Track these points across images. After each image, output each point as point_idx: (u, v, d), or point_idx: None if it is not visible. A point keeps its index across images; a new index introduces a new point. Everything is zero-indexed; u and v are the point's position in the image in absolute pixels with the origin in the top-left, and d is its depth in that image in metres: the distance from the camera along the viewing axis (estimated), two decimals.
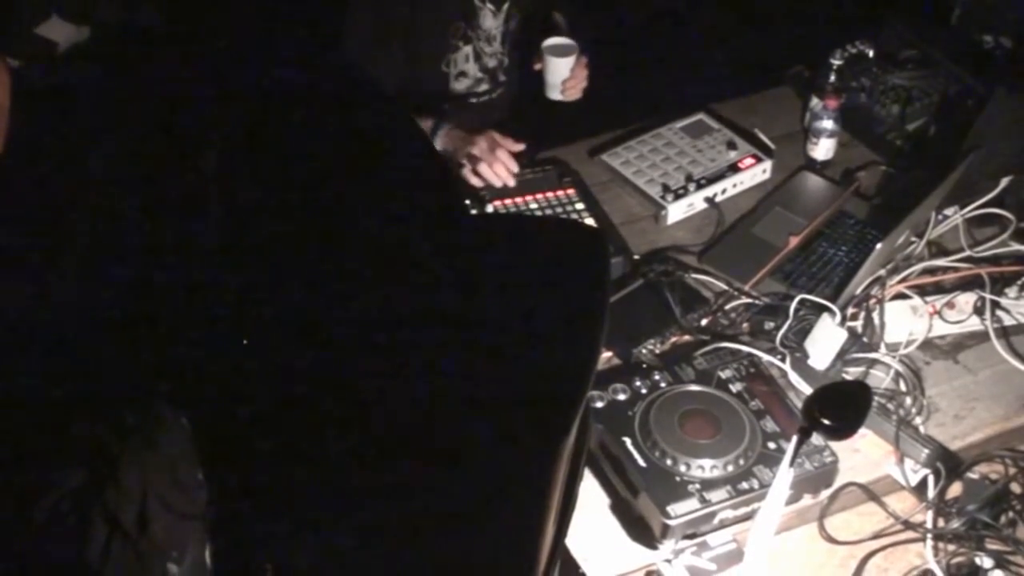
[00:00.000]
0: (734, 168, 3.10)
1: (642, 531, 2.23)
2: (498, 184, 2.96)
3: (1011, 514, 2.31)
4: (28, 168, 1.62)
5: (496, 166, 2.95)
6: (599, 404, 2.31)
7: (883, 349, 2.59)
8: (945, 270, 2.80)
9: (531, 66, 3.25)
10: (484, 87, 3.36)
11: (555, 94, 3.21)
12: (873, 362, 2.57)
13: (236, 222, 1.58)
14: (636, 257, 2.85)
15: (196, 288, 1.56)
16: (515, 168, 2.98)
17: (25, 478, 1.43)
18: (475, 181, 2.96)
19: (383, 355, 1.48)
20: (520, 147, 3.02)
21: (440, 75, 3.27)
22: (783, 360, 2.52)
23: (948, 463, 2.36)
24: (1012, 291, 2.71)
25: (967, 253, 2.84)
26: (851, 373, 2.54)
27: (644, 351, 2.59)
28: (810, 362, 2.51)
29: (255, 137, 1.62)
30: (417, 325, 1.50)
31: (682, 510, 2.15)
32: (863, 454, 2.40)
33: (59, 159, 1.63)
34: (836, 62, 3.17)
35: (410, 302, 1.51)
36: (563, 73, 3.17)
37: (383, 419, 1.45)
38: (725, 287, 2.77)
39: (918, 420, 2.47)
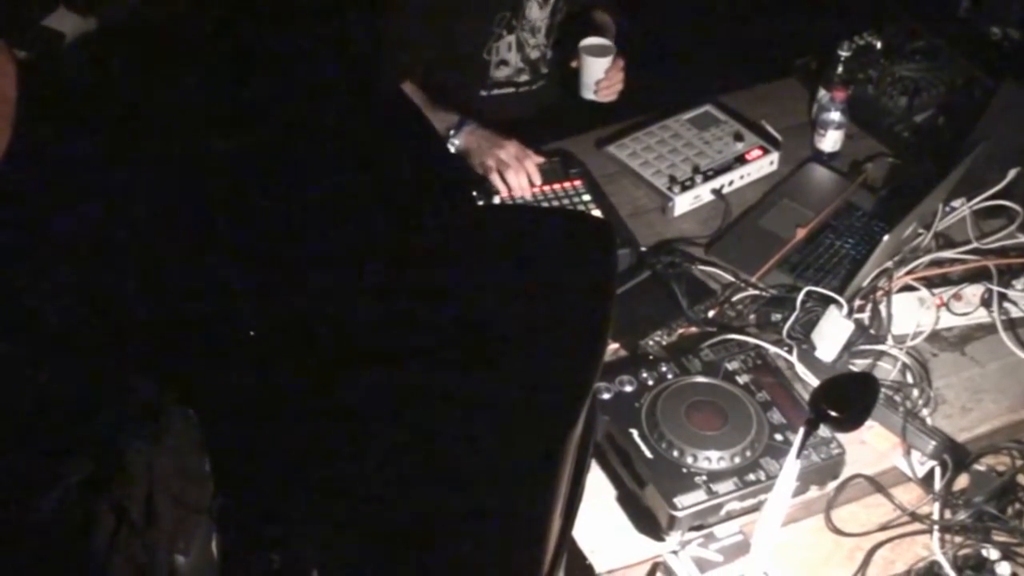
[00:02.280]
0: (741, 160, 3.10)
1: (649, 523, 2.23)
2: (519, 193, 2.96)
3: (1018, 506, 2.31)
4: (36, 163, 1.62)
5: (521, 175, 2.96)
6: (606, 396, 2.31)
7: (890, 341, 2.59)
8: (952, 262, 2.80)
9: (568, 64, 3.27)
10: (525, 77, 3.38)
11: (589, 94, 3.23)
12: (880, 354, 2.56)
13: (243, 218, 1.59)
14: (643, 249, 2.85)
15: (203, 282, 1.56)
16: (538, 181, 2.99)
17: (32, 469, 1.43)
18: (500, 186, 2.96)
19: (390, 347, 1.48)
20: (541, 160, 3.03)
21: (481, 61, 3.29)
22: (790, 352, 2.52)
23: (955, 455, 2.35)
24: (1019, 283, 2.70)
25: (974, 245, 2.83)
26: (858, 365, 2.53)
27: (651, 343, 2.58)
28: (817, 354, 2.51)
29: (263, 132, 1.63)
30: (423, 317, 1.50)
31: (689, 502, 2.15)
32: (870, 446, 2.40)
33: (68, 154, 1.63)
34: (843, 54, 3.17)
35: (417, 294, 1.52)
36: (598, 73, 3.18)
37: (389, 412, 1.45)
38: (732, 279, 2.77)
39: (925, 412, 2.47)
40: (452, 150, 3.03)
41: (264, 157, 1.61)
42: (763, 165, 3.12)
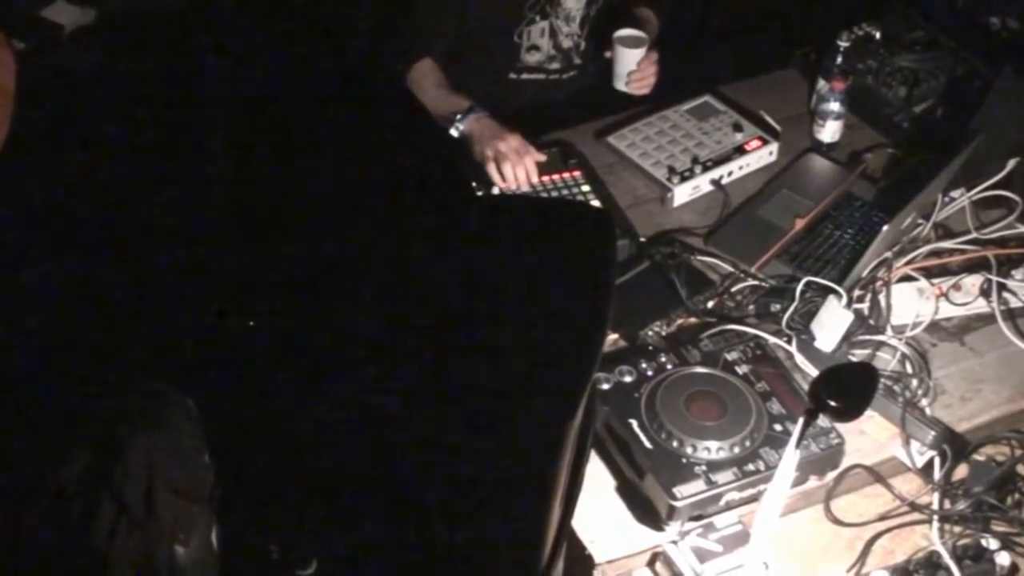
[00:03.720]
0: (740, 150, 3.10)
1: (648, 513, 2.23)
2: (514, 186, 2.96)
3: (1017, 495, 2.31)
4: (35, 152, 1.62)
5: (519, 168, 2.96)
6: (605, 386, 2.31)
7: (889, 331, 2.59)
8: (951, 252, 2.80)
9: (604, 54, 3.27)
10: (555, 65, 3.39)
11: (621, 84, 3.23)
12: (879, 344, 2.56)
13: (242, 207, 1.59)
14: (642, 239, 2.85)
15: (202, 271, 1.56)
16: (535, 178, 2.99)
17: (33, 460, 1.43)
18: (496, 177, 2.96)
19: (390, 337, 1.48)
20: (542, 158, 3.03)
21: (512, 44, 3.31)
22: (789, 342, 2.52)
23: (954, 445, 2.36)
24: (1018, 273, 2.71)
25: (974, 235, 2.83)
26: (857, 355, 2.54)
27: (650, 333, 2.58)
28: (816, 344, 2.51)
29: (264, 123, 1.63)
30: (424, 306, 1.50)
31: (688, 492, 2.16)
32: (869, 436, 2.40)
33: (66, 143, 1.63)
34: (843, 44, 3.16)
35: (417, 284, 1.52)
36: (630, 64, 3.18)
37: (388, 403, 1.45)
38: (731, 269, 2.76)
39: (924, 402, 2.47)
40: (455, 135, 3.04)
41: (264, 149, 1.61)
42: (762, 155, 3.11)
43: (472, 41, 3.27)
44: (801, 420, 1.98)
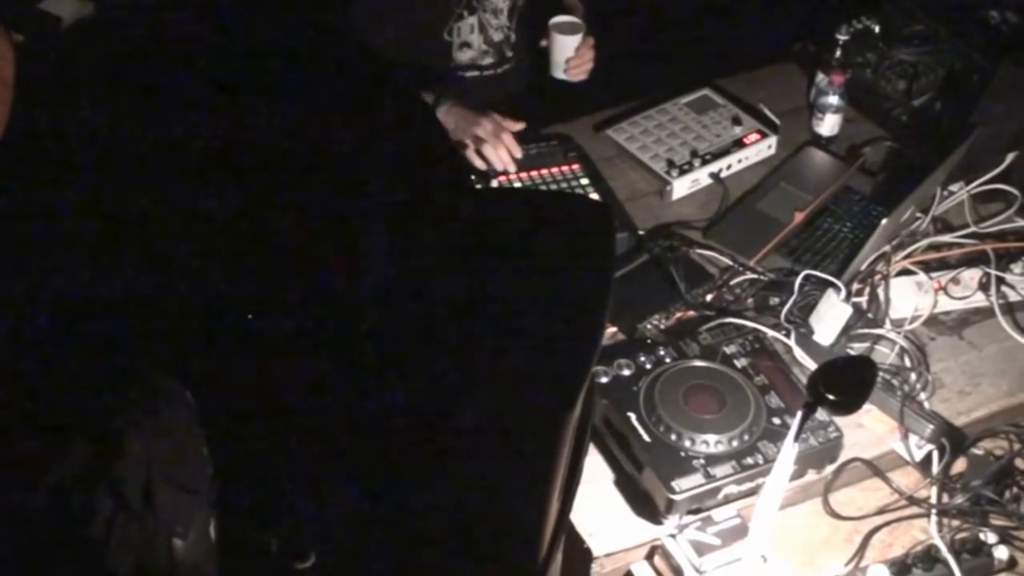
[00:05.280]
0: (739, 144, 3.10)
1: (647, 506, 2.23)
2: (500, 167, 2.95)
3: (1015, 490, 2.32)
4: (32, 148, 1.62)
5: (500, 149, 2.95)
6: (604, 379, 2.32)
7: (888, 325, 2.59)
8: (950, 246, 2.80)
9: (539, 43, 3.24)
10: (489, 60, 3.33)
11: (559, 72, 3.20)
12: (878, 338, 2.56)
13: (243, 198, 1.58)
14: (641, 233, 2.85)
15: (200, 265, 1.55)
16: (518, 153, 2.97)
17: (30, 453, 1.43)
18: (478, 163, 2.95)
19: (389, 329, 1.48)
20: (520, 126, 3.02)
21: (442, 43, 3.25)
22: (788, 336, 2.52)
23: (953, 439, 2.36)
24: (1017, 267, 2.71)
25: (972, 229, 2.83)
26: (856, 349, 2.54)
27: (649, 326, 2.58)
28: (815, 338, 2.51)
29: (261, 116, 1.62)
30: (422, 299, 1.50)
31: (687, 485, 2.16)
32: (867, 430, 2.40)
33: (64, 138, 1.63)
34: (842, 37, 3.16)
35: (415, 276, 1.51)
36: (567, 52, 3.16)
37: (388, 392, 1.45)
38: (730, 263, 2.76)
39: (923, 396, 2.47)
40: None
41: (262, 144, 1.61)
42: (761, 149, 3.11)
43: (403, 41, 3.17)
44: (799, 414, 1.98)
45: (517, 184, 2.95)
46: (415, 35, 3.21)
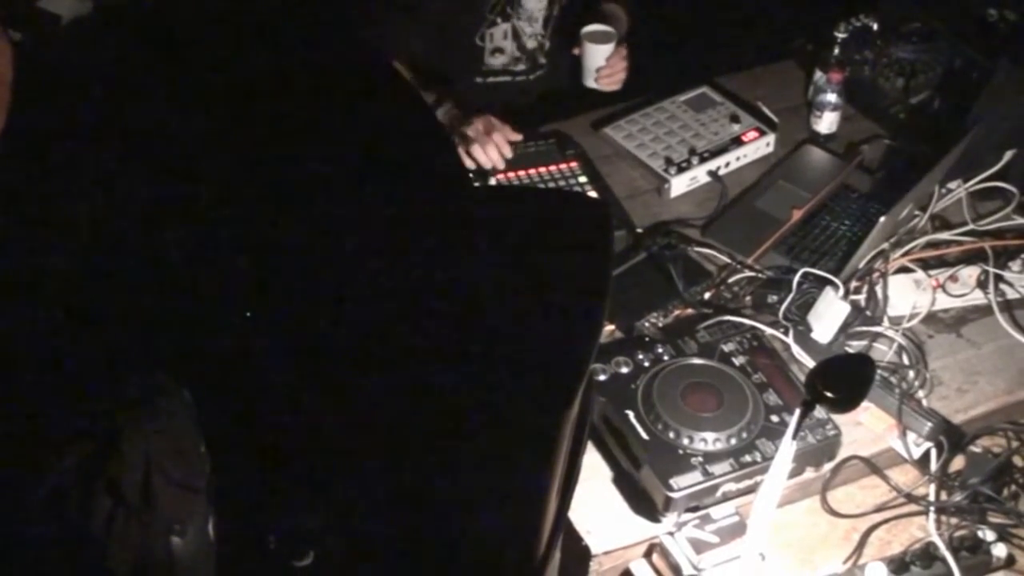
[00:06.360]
0: (737, 141, 3.10)
1: (645, 504, 2.23)
2: (487, 167, 2.95)
3: (1013, 487, 2.32)
4: (30, 145, 1.62)
5: (489, 148, 2.94)
6: (602, 377, 2.32)
7: (886, 322, 2.59)
8: (948, 244, 2.80)
9: (572, 51, 3.24)
10: (521, 67, 3.35)
11: (591, 81, 3.20)
12: (876, 335, 2.57)
13: (241, 197, 1.58)
14: (639, 230, 2.85)
15: (198, 261, 1.55)
16: (508, 153, 2.97)
17: (28, 451, 1.43)
18: (470, 163, 2.95)
19: (386, 329, 1.48)
20: (518, 137, 3.02)
21: (474, 47, 3.27)
22: (786, 333, 2.52)
23: (951, 436, 2.36)
24: (1015, 264, 2.71)
25: (970, 227, 2.84)
26: (854, 346, 2.54)
27: (647, 324, 2.58)
28: (813, 335, 2.51)
29: (259, 114, 1.62)
30: (421, 298, 1.50)
31: (685, 483, 2.16)
32: (866, 427, 2.40)
33: (62, 137, 1.63)
34: (840, 35, 3.16)
35: (414, 275, 1.51)
36: (599, 60, 3.16)
37: (386, 390, 1.45)
38: (728, 260, 2.77)
39: (921, 393, 2.47)
40: None
41: (262, 142, 1.61)
42: (759, 147, 3.11)
43: (433, 45, 3.20)
44: (798, 411, 1.98)
45: (515, 182, 2.95)
46: (447, 39, 3.22)
